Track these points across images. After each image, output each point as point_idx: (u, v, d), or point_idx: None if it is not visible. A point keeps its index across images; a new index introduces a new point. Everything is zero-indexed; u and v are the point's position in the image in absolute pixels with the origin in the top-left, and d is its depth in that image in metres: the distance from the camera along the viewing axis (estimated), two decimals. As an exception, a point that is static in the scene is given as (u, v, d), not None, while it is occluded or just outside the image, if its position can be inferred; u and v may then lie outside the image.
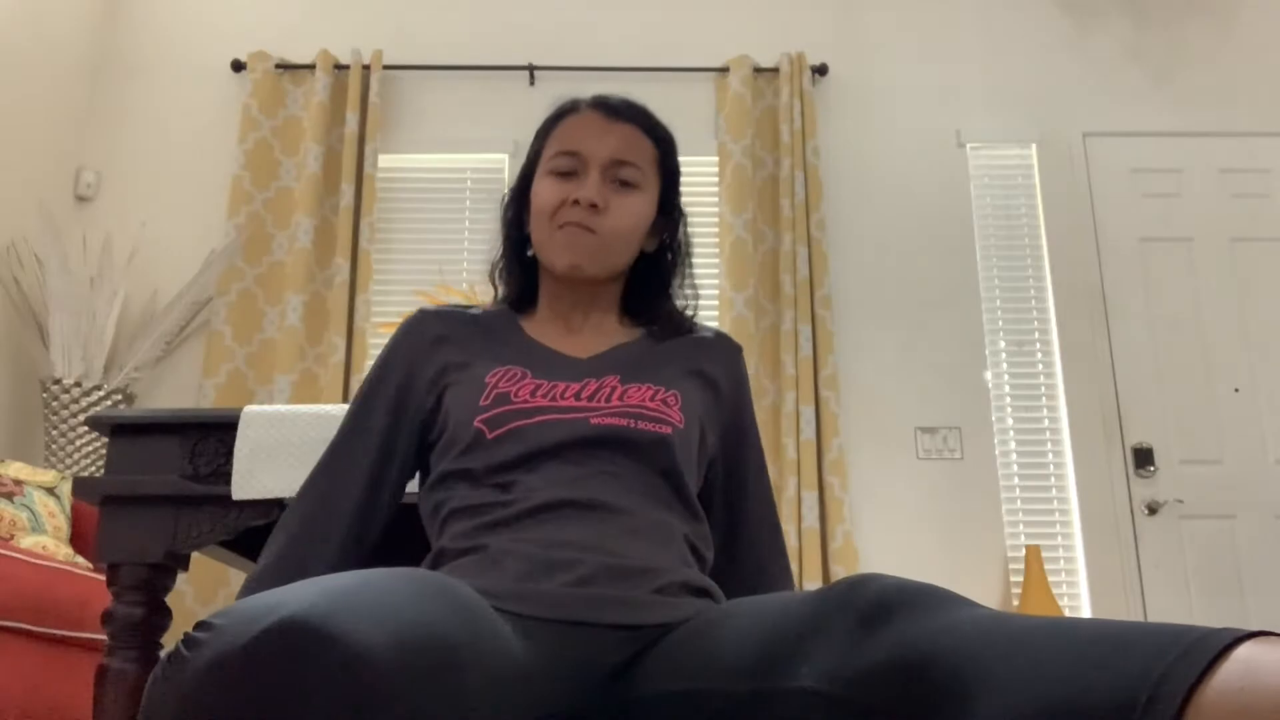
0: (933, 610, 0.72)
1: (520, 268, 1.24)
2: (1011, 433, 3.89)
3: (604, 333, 1.21)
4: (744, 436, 1.23)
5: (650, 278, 1.25)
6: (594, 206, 1.13)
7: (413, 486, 1.22)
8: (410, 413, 1.15)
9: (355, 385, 3.75)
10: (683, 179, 1.28)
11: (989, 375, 3.94)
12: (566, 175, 1.16)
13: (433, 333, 1.18)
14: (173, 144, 4.09)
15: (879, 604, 0.73)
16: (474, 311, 1.23)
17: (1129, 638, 0.60)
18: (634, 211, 1.16)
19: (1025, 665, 0.62)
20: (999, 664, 0.63)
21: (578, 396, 1.08)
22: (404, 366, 1.17)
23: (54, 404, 3.53)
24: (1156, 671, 0.56)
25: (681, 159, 1.30)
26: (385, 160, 4.08)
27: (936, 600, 0.73)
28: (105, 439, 3.51)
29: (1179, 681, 0.55)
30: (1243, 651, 0.56)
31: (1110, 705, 0.56)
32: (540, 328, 1.21)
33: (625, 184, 1.16)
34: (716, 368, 1.21)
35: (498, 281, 1.26)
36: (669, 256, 1.25)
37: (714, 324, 3.92)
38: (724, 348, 1.24)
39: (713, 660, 0.82)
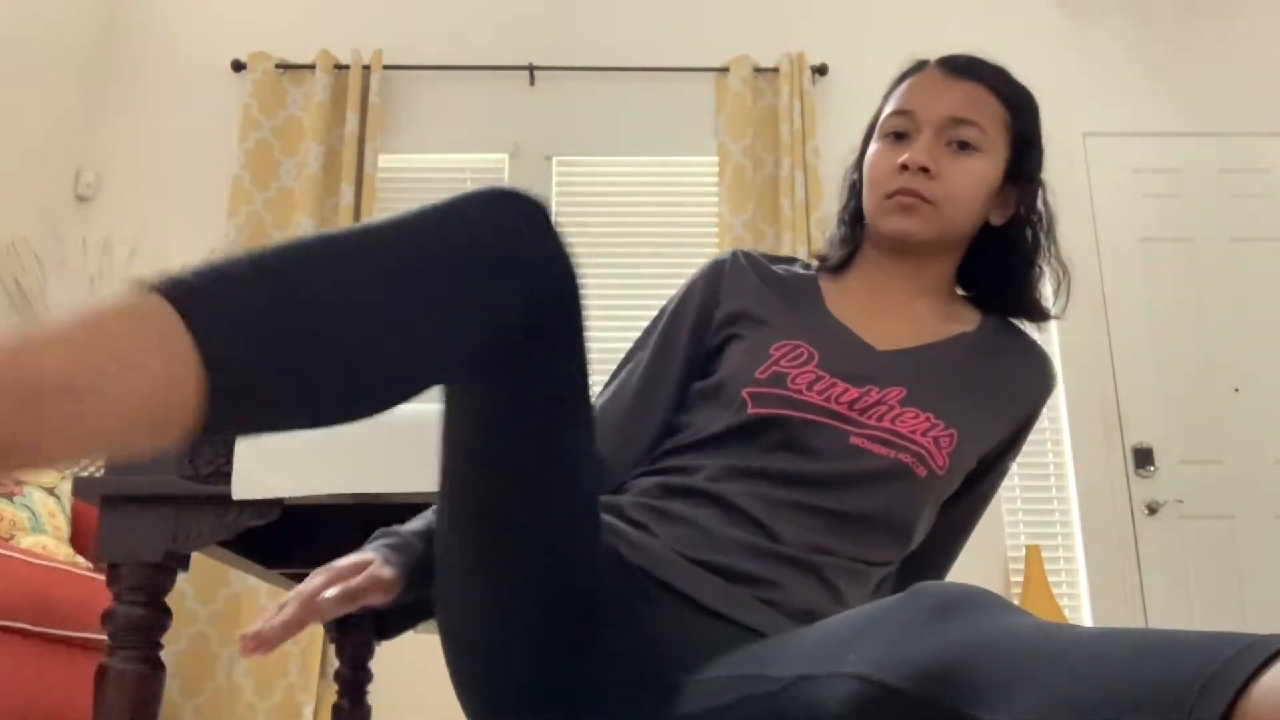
0: (992, 611, 0.71)
1: (850, 234, 1.15)
2: (1011, 433, 3.89)
3: (917, 321, 1.09)
4: (993, 468, 1.12)
5: (996, 256, 1.12)
6: (924, 170, 1.03)
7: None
8: (704, 340, 1.10)
9: (355, 385, 3.75)
10: (682, 179, 1.22)
11: (989, 375, 3.94)
12: (899, 137, 1.08)
13: (740, 270, 1.12)
14: (173, 144, 4.09)
15: (939, 606, 0.72)
16: (780, 268, 1.14)
17: (1183, 639, 0.61)
18: (973, 175, 1.04)
19: (1077, 660, 0.62)
20: (1047, 662, 0.63)
21: (851, 406, 0.99)
22: (708, 292, 1.11)
23: (54, 404, 3.52)
24: (1211, 668, 0.56)
25: (680, 159, 1.24)
26: (385, 160, 4.08)
27: (997, 604, 0.73)
28: (105, 439, 3.50)
29: (1233, 675, 0.55)
30: None
31: (1161, 698, 0.56)
32: (845, 299, 1.11)
33: (964, 145, 1.05)
34: (1021, 405, 1.10)
35: (826, 248, 1.17)
36: (1026, 232, 1.11)
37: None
38: (1041, 379, 1.12)
39: (767, 653, 0.81)
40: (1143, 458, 3.84)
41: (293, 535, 1.92)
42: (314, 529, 1.93)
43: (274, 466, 1.47)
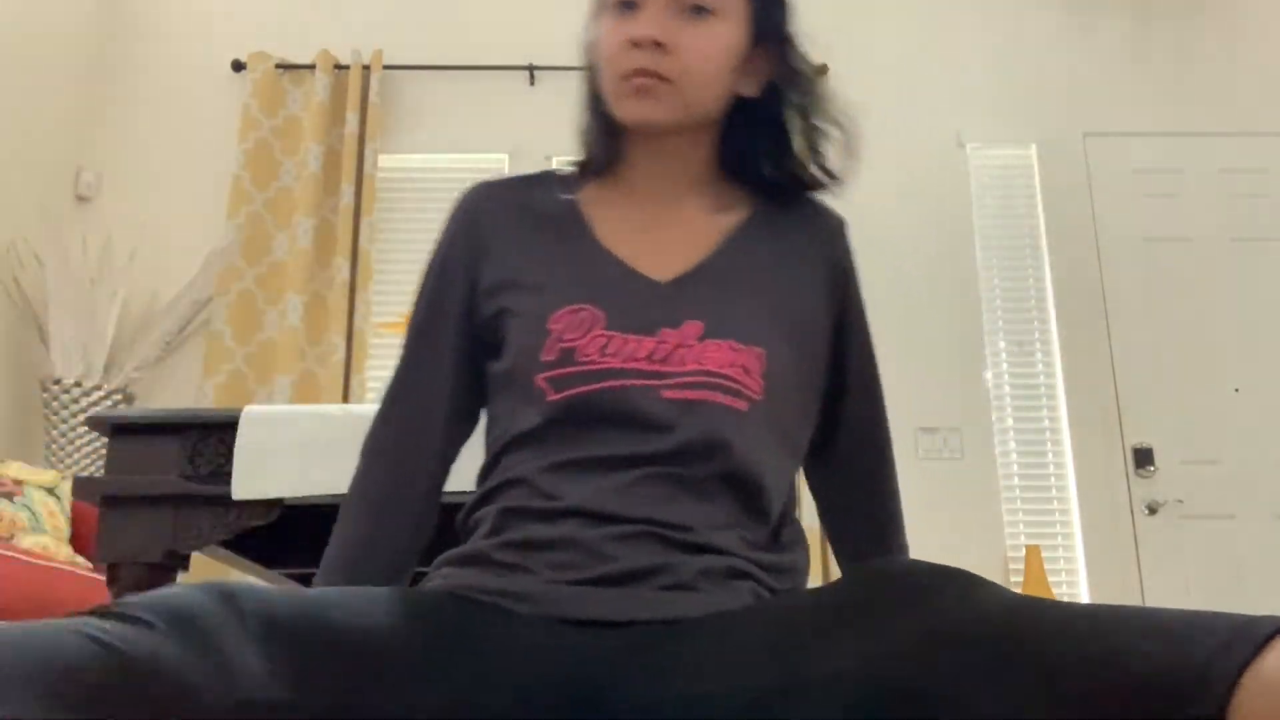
0: (969, 588, 0.70)
1: (603, 128, 1.01)
2: (1011, 433, 3.89)
3: (691, 228, 0.99)
4: (846, 333, 1.05)
5: (753, 128, 1.00)
6: (657, 45, 0.92)
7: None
8: (479, 311, 1.00)
9: (355, 385, 3.75)
10: None
11: (989, 375, 3.94)
12: (625, 7, 0.96)
13: (494, 217, 1.01)
14: (173, 144, 4.09)
15: (912, 584, 0.71)
16: (538, 193, 1.03)
17: (1170, 617, 0.61)
18: (712, 44, 0.93)
19: (1068, 642, 0.62)
20: (1039, 642, 0.63)
21: (650, 358, 0.90)
22: (468, 253, 1.01)
23: (54, 404, 3.53)
24: (1208, 649, 0.57)
25: None
26: (385, 160, 4.08)
27: (970, 580, 0.72)
28: (105, 439, 3.51)
29: (1234, 657, 0.56)
30: None
31: (1161, 679, 0.57)
32: (612, 218, 1.00)
33: (698, 10, 0.93)
34: (821, 266, 1.01)
35: (580, 149, 1.04)
36: (785, 96, 1.00)
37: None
38: (827, 228, 1.03)
39: (730, 656, 0.75)
40: (1143, 458, 3.84)
41: (293, 535, 1.92)
42: (314, 529, 1.93)
43: (274, 466, 1.47)
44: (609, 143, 1.02)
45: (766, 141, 1.00)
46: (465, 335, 1.00)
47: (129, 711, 0.59)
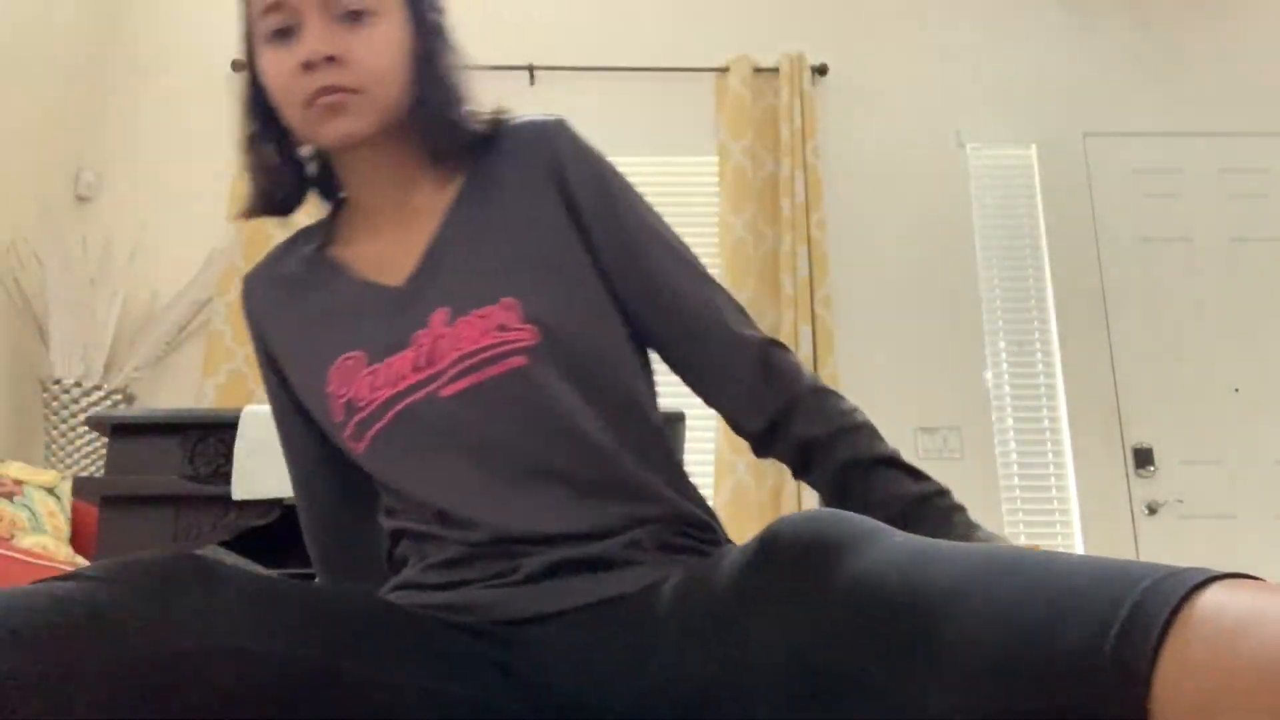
0: (864, 543, 0.66)
1: (286, 162, 1.00)
2: (1011, 433, 3.89)
3: (417, 218, 0.98)
4: (602, 227, 0.96)
5: (429, 114, 0.98)
6: (331, 60, 0.90)
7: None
8: (306, 414, 1.03)
9: (355, 385, 3.75)
10: (682, 179, 1.12)
11: (989, 375, 3.94)
12: (285, 34, 0.92)
13: (261, 308, 1.03)
14: (173, 144, 4.09)
15: (806, 552, 0.67)
16: (293, 261, 1.03)
17: (1079, 581, 0.55)
18: (383, 43, 0.93)
19: (961, 624, 0.57)
20: (930, 620, 0.58)
21: (416, 368, 0.90)
22: (259, 350, 1.04)
23: (54, 404, 3.53)
24: (1122, 623, 0.51)
25: (680, 159, 1.15)
26: (385, 160, 4.08)
27: (862, 531, 0.67)
28: (105, 439, 3.51)
29: (1149, 636, 0.49)
30: (1210, 597, 0.50)
31: (1072, 657, 0.51)
32: (355, 245, 1.01)
33: (356, 14, 0.92)
34: (540, 184, 0.96)
35: (262, 197, 1.00)
36: (434, 79, 0.98)
37: (714, 324, 3.91)
38: (534, 144, 0.97)
39: (639, 668, 0.75)
40: (1143, 458, 3.84)
41: (293, 535, 1.92)
42: (314, 529, 1.93)
43: (274, 466, 1.47)
44: (300, 175, 1.01)
45: (449, 109, 0.98)
46: (310, 424, 1.03)
47: (88, 659, 0.60)
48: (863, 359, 3.91)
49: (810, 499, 3.60)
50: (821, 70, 4.18)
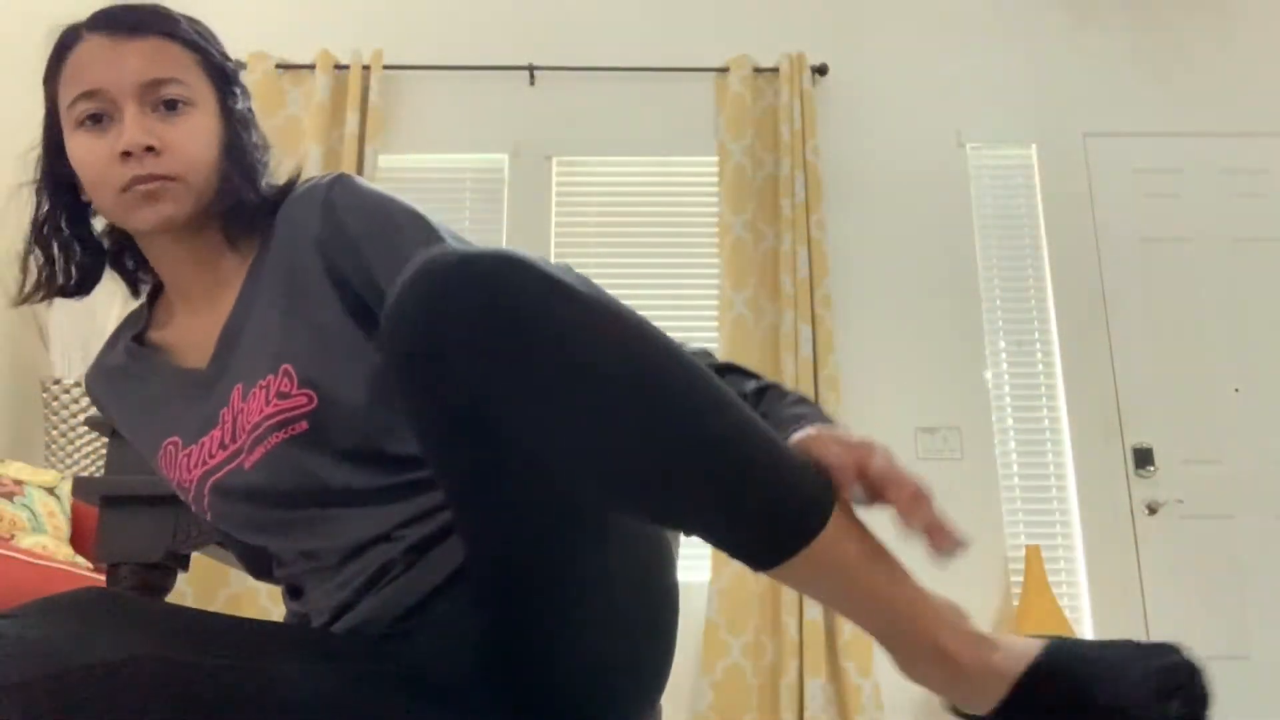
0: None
1: (88, 247, 1.04)
2: (1011, 433, 3.89)
3: (221, 295, 1.01)
4: (374, 270, 0.94)
5: (231, 199, 1.00)
6: (150, 150, 0.92)
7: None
8: None
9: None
10: (682, 179, 1.16)
11: (989, 375, 3.94)
12: (98, 120, 0.94)
13: (107, 411, 1.09)
14: (173, 144, 4.09)
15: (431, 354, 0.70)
16: (118, 356, 1.07)
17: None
18: (198, 132, 0.95)
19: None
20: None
21: (223, 445, 0.96)
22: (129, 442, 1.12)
23: (54, 404, 3.53)
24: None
25: (680, 159, 1.16)
26: (385, 160, 4.08)
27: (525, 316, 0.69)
28: (105, 439, 3.51)
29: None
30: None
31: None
32: (168, 328, 1.05)
33: (173, 104, 0.95)
34: (307, 247, 0.97)
35: (48, 280, 1.03)
36: (240, 167, 1.01)
37: (713, 324, 3.92)
38: (302, 210, 0.99)
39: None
40: (1143, 458, 3.84)
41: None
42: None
43: (274, 466, 1.47)
44: (95, 256, 1.04)
45: (247, 193, 1.01)
46: None
47: (16, 674, 0.63)
48: (863, 359, 3.91)
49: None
50: (821, 70, 4.18)
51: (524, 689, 0.86)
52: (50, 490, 3.02)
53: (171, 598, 3.39)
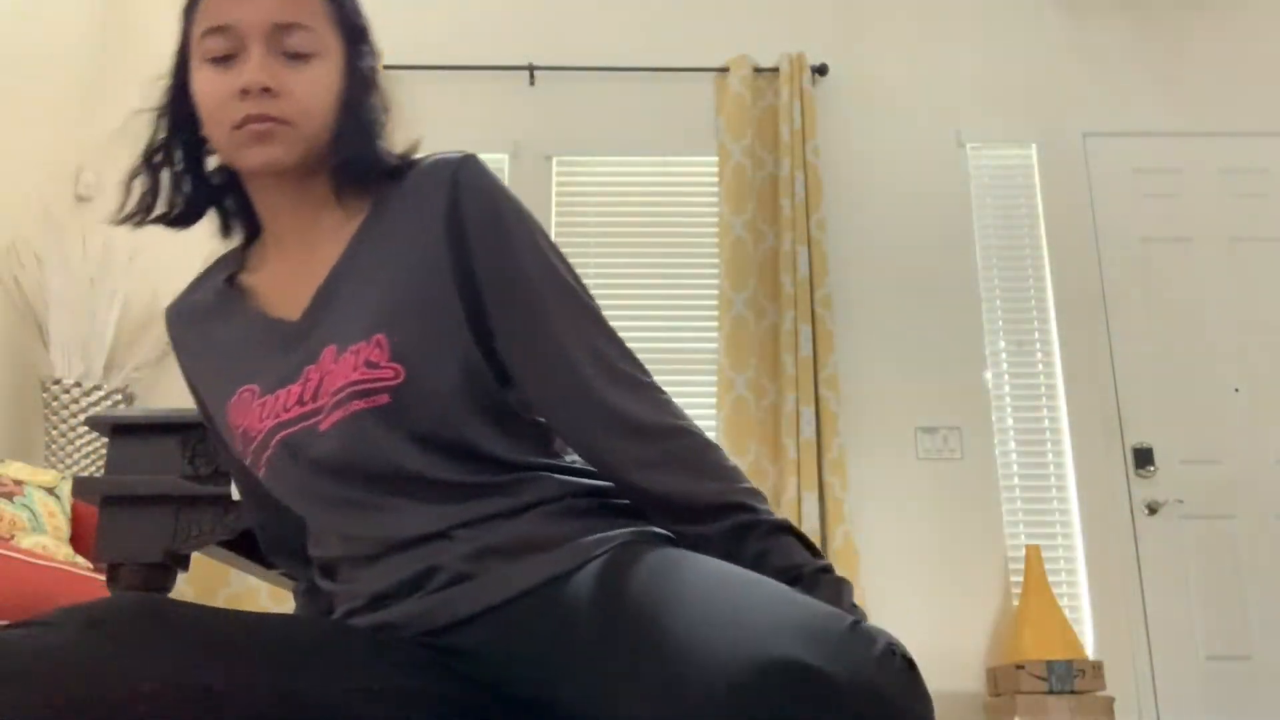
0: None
1: (196, 179, 1.04)
2: (1011, 433, 3.89)
3: (320, 248, 1.01)
4: (515, 276, 0.94)
5: (345, 153, 1.00)
6: (268, 91, 0.93)
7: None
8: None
9: (355, 385, 3.76)
10: (682, 179, 1.14)
11: (989, 375, 3.94)
12: (225, 60, 0.95)
13: (179, 339, 1.07)
14: (173, 144, 4.09)
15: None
16: (205, 292, 1.07)
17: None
18: (318, 84, 0.96)
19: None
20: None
21: (301, 401, 0.94)
22: (191, 388, 1.09)
23: (54, 404, 3.53)
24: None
25: (680, 159, 1.16)
26: (385, 160, 4.08)
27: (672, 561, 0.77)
28: (105, 439, 3.51)
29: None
30: None
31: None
32: (262, 273, 1.04)
33: (297, 55, 0.95)
34: (431, 222, 0.96)
35: (147, 205, 1.03)
36: (357, 124, 1.01)
37: (713, 324, 3.92)
38: (434, 183, 0.98)
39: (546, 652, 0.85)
40: (1143, 458, 3.84)
41: (293, 535, 1.92)
42: (314, 529, 1.92)
43: (274, 466, 1.47)
44: (201, 194, 1.05)
45: (358, 159, 1.01)
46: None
47: (39, 696, 0.63)
48: (863, 359, 3.91)
49: (810, 505, 3.60)
50: (821, 70, 4.18)
51: None
52: (50, 490, 3.02)
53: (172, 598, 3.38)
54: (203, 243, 4.05)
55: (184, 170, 1.03)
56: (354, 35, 1.02)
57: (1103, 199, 4.14)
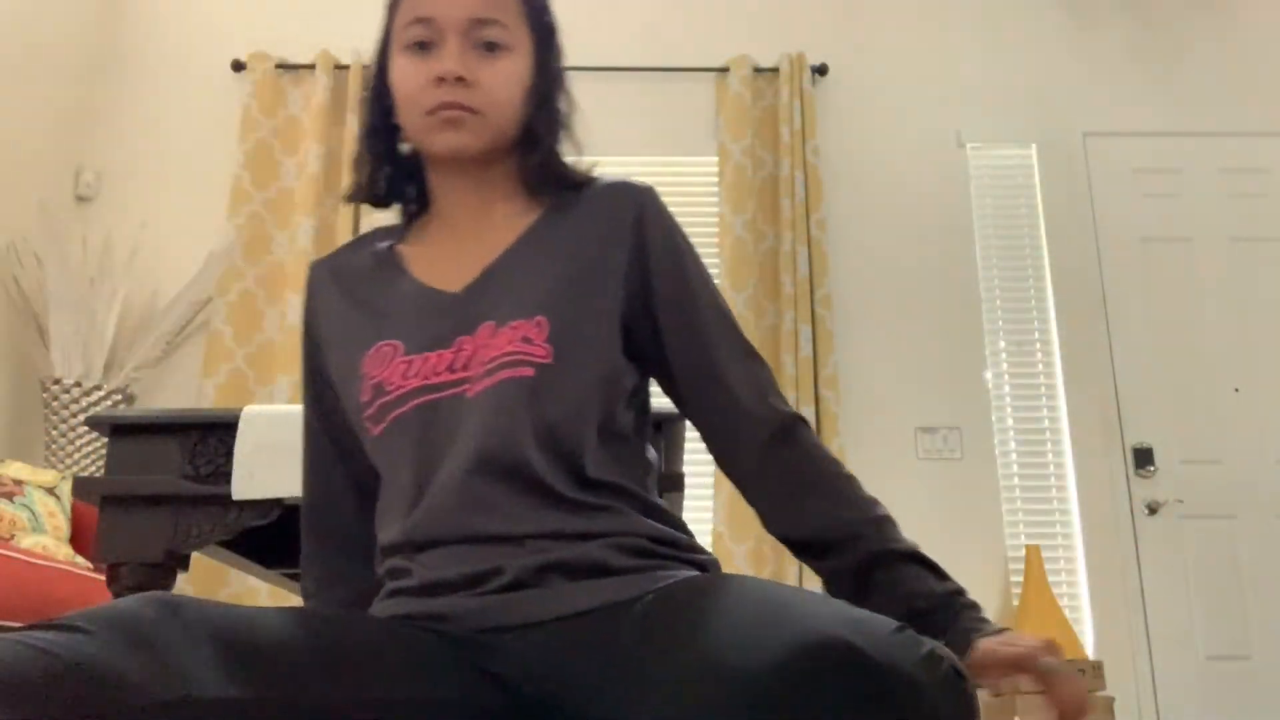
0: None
1: (392, 159, 1.09)
2: (1011, 433, 3.89)
3: (495, 235, 1.06)
4: (655, 292, 1.02)
5: (536, 147, 1.07)
6: (461, 80, 0.99)
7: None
8: (328, 404, 1.08)
9: (355, 385, 3.76)
10: (682, 179, 1.20)
11: (989, 375, 3.94)
12: (423, 48, 1.01)
13: (321, 290, 1.09)
14: (173, 144, 4.09)
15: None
16: (365, 252, 1.10)
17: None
18: (508, 76, 1.02)
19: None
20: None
21: (451, 368, 0.96)
22: (307, 334, 1.09)
23: (54, 404, 3.53)
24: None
25: (680, 159, 1.22)
26: (385, 160, 4.08)
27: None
28: (105, 439, 3.51)
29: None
30: None
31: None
32: (427, 249, 1.08)
33: (491, 46, 1.01)
34: (619, 227, 1.03)
35: (366, 185, 1.09)
36: (547, 119, 1.08)
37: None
38: (621, 200, 1.05)
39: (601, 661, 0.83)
40: (1143, 458, 3.84)
41: (293, 535, 1.92)
42: (314, 529, 1.92)
43: (274, 466, 1.47)
44: (404, 180, 1.10)
45: (541, 155, 1.07)
46: (332, 418, 1.09)
47: (65, 711, 0.62)
48: (863, 359, 3.92)
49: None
50: (821, 70, 4.18)
51: None
52: (50, 490, 3.02)
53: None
54: (203, 243, 4.07)
55: (385, 152, 1.09)
56: (544, 33, 1.08)
57: (1103, 199, 4.14)
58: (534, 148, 1.05)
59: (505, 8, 1.03)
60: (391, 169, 1.09)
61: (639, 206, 1.04)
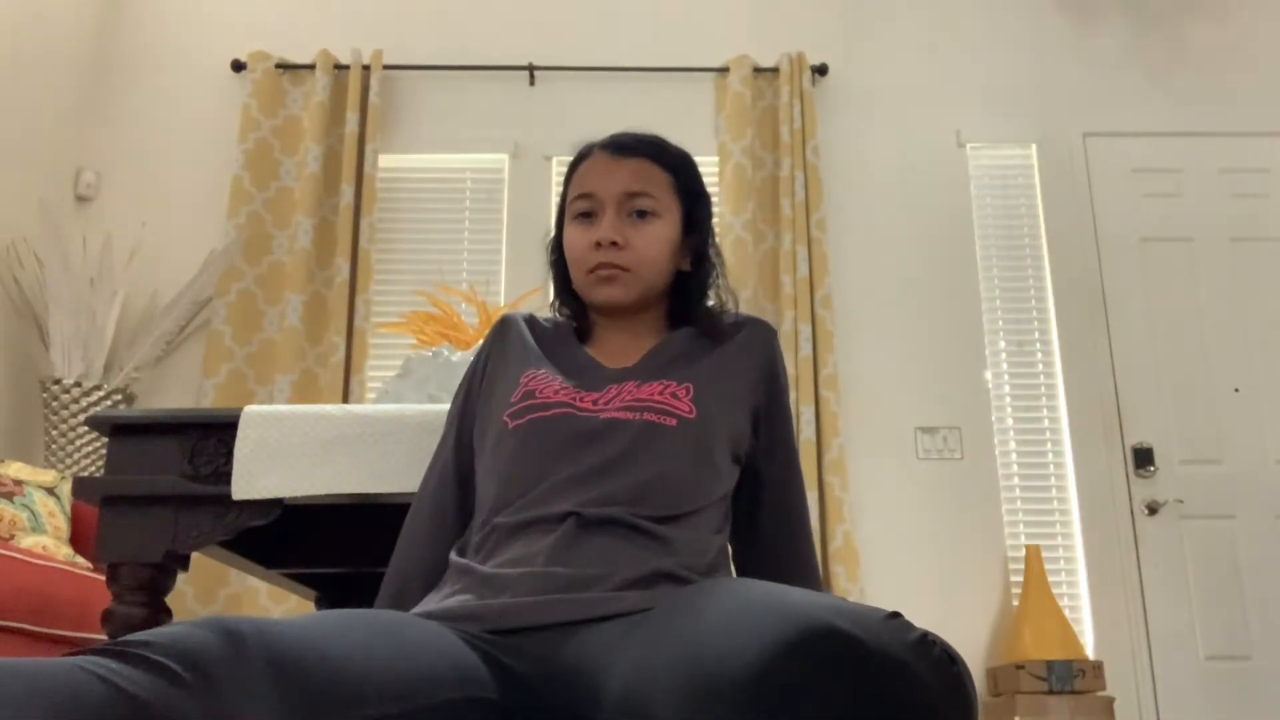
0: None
1: (573, 300, 1.31)
2: (1011, 433, 3.89)
3: (642, 343, 1.27)
4: (769, 421, 1.24)
5: (689, 293, 1.29)
6: (614, 244, 1.19)
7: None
8: (472, 412, 1.26)
9: (355, 385, 3.76)
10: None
11: (989, 375, 3.94)
12: (588, 217, 1.23)
13: (517, 329, 1.29)
14: (173, 144, 4.09)
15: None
16: (548, 320, 1.32)
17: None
18: (656, 238, 1.22)
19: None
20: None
21: (595, 402, 1.14)
22: (486, 353, 1.29)
23: (54, 404, 3.53)
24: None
25: None
26: (385, 160, 4.08)
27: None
28: (105, 439, 3.51)
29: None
30: None
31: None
32: (595, 335, 1.30)
33: (642, 214, 1.22)
34: (743, 354, 1.24)
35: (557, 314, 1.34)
36: (703, 268, 1.28)
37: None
38: (752, 332, 1.27)
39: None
40: (1143, 458, 3.84)
41: (293, 535, 1.92)
42: (314, 529, 1.93)
43: (274, 466, 1.47)
44: (581, 311, 1.31)
45: (695, 299, 1.28)
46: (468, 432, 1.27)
47: None
48: (863, 359, 3.91)
49: (810, 505, 3.60)
50: (821, 70, 4.18)
51: None
52: (50, 490, 3.02)
53: (171, 598, 3.39)
54: (203, 243, 4.07)
55: (568, 299, 1.31)
56: (692, 200, 1.27)
57: (1102, 199, 4.14)
58: (686, 297, 1.26)
59: (654, 181, 1.23)
60: (574, 308, 1.31)
61: (775, 347, 1.27)
